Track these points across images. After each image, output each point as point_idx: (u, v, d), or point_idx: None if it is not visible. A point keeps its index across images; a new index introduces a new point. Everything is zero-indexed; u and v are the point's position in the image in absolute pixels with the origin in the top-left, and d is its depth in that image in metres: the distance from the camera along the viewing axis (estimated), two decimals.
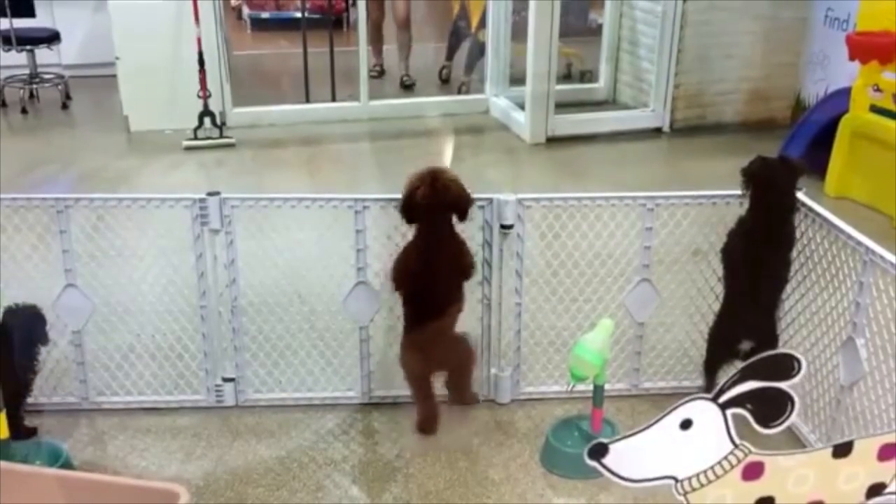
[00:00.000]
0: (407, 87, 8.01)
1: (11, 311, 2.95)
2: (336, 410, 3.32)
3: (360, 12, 7.04)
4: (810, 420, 3.10)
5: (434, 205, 2.91)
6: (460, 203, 2.96)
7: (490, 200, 3.13)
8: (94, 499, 1.93)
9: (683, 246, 3.36)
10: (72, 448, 3.04)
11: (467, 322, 3.24)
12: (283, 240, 3.31)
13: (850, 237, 2.84)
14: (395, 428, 3.22)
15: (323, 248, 3.39)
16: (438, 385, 3.22)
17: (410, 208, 2.95)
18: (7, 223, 3.11)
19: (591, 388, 2.96)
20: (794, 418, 1.79)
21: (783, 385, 1.77)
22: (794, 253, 3.14)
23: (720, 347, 3.25)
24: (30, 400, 3.15)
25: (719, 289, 3.25)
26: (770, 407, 1.78)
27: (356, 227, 3.14)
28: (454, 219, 3.00)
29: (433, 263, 2.97)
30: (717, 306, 3.28)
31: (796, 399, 1.77)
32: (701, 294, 3.34)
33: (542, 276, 3.46)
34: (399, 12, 8.10)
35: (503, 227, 3.15)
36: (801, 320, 3.16)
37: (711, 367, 3.29)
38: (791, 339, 3.21)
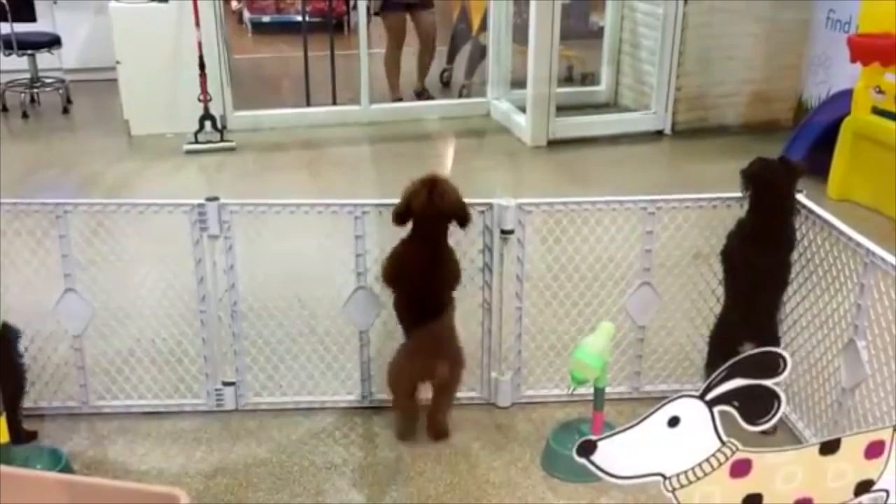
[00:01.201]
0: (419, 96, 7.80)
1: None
2: (336, 414, 3.31)
3: (361, 16, 7.04)
4: (812, 423, 3.09)
5: (430, 214, 2.92)
6: (457, 213, 2.97)
7: (490, 206, 3.13)
8: (94, 503, 1.92)
9: (684, 249, 3.36)
10: (72, 452, 3.04)
11: (468, 326, 3.24)
12: (283, 245, 3.31)
13: (850, 239, 2.84)
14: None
15: (323, 253, 3.39)
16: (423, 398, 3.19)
17: (406, 215, 2.96)
18: (7, 228, 3.11)
19: (591, 391, 2.95)
20: (780, 416, 1.79)
21: (769, 383, 1.77)
22: (795, 255, 3.13)
23: (721, 350, 3.23)
24: (30, 404, 3.15)
25: (720, 292, 3.25)
26: (756, 404, 1.78)
27: (356, 233, 3.13)
28: (453, 225, 3.00)
29: (428, 269, 2.98)
30: (718, 309, 3.27)
31: (782, 396, 1.77)
32: (702, 297, 3.33)
33: (543, 280, 3.45)
34: (426, 31, 7.68)
35: (503, 232, 3.14)
36: (803, 323, 3.15)
37: (713, 370, 3.28)
38: (792, 341, 3.20)
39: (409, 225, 3.01)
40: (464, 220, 3.00)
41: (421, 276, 2.98)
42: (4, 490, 1.92)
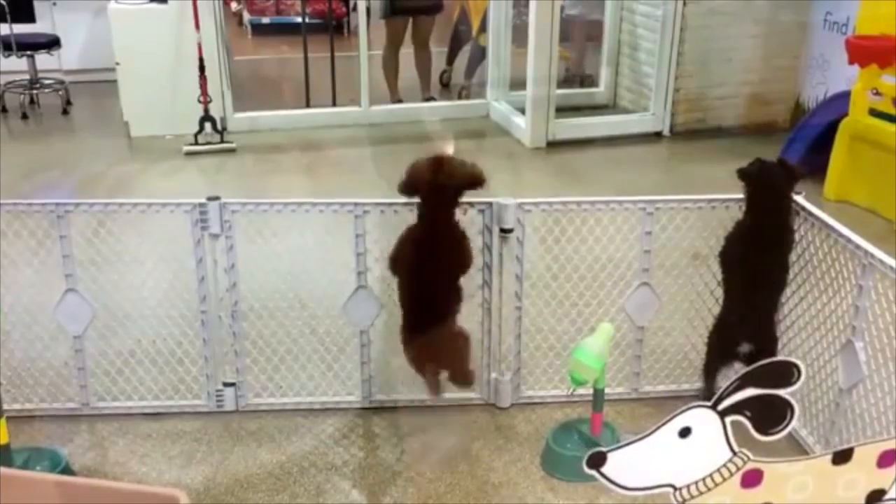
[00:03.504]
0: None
1: None
2: (337, 415, 3.32)
3: (361, 17, 7.05)
4: (809, 423, 3.10)
5: (436, 196, 2.88)
6: (473, 183, 2.89)
7: (490, 204, 3.14)
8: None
9: (683, 250, 3.36)
10: (72, 453, 3.04)
11: (468, 326, 3.24)
12: (284, 244, 3.31)
13: (848, 241, 2.85)
14: (395, 432, 3.22)
15: (323, 253, 3.39)
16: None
17: (414, 189, 2.89)
18: (7, 229, 3.12)
19: (591, 391, 2.96)
20: (793, 426, 1.79)
21: (782, 392, 1.76)
22: (794, 256, 3.14)
23: (720, 351, 3.25)
24: (30, 405, 3.15)
25: (719, 292, 3.25)
26: (769, 414, 1.77)
27: (356, 232, 3.14)
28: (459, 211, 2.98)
29: (433, 252, 2.93)
30: (717, 310, 3.28)
31: (795, 406, 1.77)
32: (701, 298, 3.34)
33: (542, 280, 3.46)
34: (422, 37, 7.59)
35: (503, 230, 3.15)
36: (801, 323, 3.16)
37: (711, 371, 3.30)
38: (790, 342, 3.21)
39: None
40: (478, 186, 2.90)
41: (423, 259, 2.93)
42: (4, 492, 1.92)
